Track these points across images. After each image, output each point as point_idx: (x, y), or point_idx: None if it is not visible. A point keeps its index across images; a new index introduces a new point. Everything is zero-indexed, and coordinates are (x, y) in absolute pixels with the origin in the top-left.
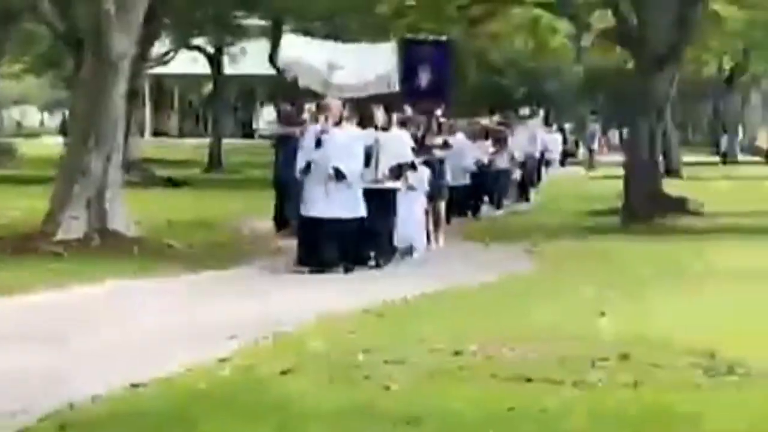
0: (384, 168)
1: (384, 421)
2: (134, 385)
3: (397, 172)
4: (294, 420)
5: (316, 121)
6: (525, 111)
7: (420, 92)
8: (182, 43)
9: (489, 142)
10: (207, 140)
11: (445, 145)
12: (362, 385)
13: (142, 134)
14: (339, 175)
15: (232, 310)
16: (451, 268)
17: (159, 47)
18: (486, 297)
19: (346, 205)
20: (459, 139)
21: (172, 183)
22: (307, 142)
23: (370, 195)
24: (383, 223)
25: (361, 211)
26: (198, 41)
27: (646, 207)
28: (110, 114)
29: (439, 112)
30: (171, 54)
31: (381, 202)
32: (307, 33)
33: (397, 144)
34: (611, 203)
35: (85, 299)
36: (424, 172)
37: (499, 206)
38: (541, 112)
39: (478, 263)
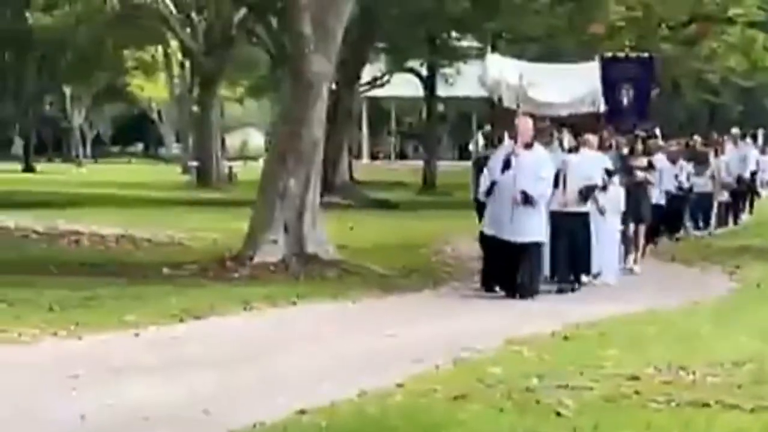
0: (571, 191)
1: None
2: (300, 412)
3: (585, 194)
4: None
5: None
6: (735, 130)
7: (621, 111)
8: (397, 65)
9: (689, 164)
10: (422, 162)
11: (650, 167)
12: (533, 411)
13: (359, 156)
14: (526, 199)
15: (420, 333)
16: (646, 290)
17: (374, 70)
18: (679, 321)
19: (530, 228)
20: (658, 159)
21: (384, 205)
22: (494, 163)
23: (558, 218)
24: (572, 247)
25: (543, 236)
26: (412, 63)
27: None
28: (309, 136)
29: (642, 132)
30: (386, 77)
31: (572, 225)
32: (519, 55)
33: (586, 166)
34: None
35: (274, 322)
36: (619, 194)
37: (702, 228)
38: (760, 132)
39: (676, 286)
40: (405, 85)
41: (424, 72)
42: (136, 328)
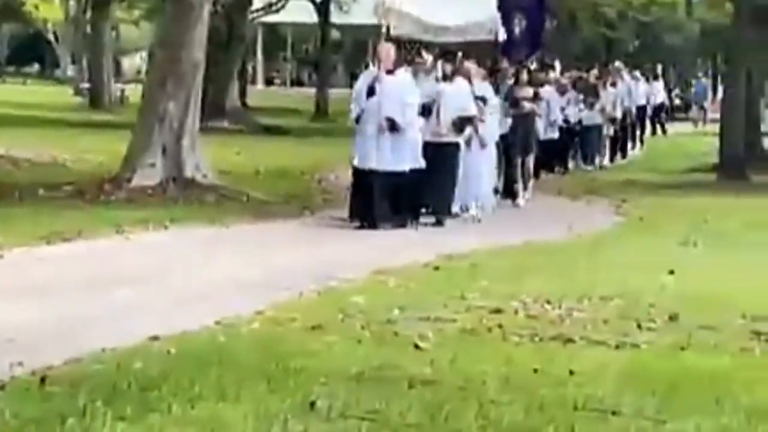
0: (445, 121)
1: (400, 381)
2: (153, 338)
3: (460, 125)
4: (297, 379)
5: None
6: (618, 64)
7: (513, 41)
8: None
9: (578, 96)
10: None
11: (536, 98)
12: (391, 343)
13: (254, 82)
14: (392, 126)
15: (290, 261)
16: (528, 223)
17: None
18: (556, 254)
19: (399, 156)
20: (547, 91)
21: (274, 131)
22: (358, 89)
23: (430, 149)
24: (443, 177)
25: (418, 162)
26: None
27: (742, 163)
28: (189, 59)
29: (539, 63)
30: (282, 2)
31: (441, 156)
32: None
33: (460, 96)
34: (711, 160)
35: (144, 247)
36: (494, 126)
37: (590, 162)
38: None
39: (559, 219)
40: (301, 11)
41: None
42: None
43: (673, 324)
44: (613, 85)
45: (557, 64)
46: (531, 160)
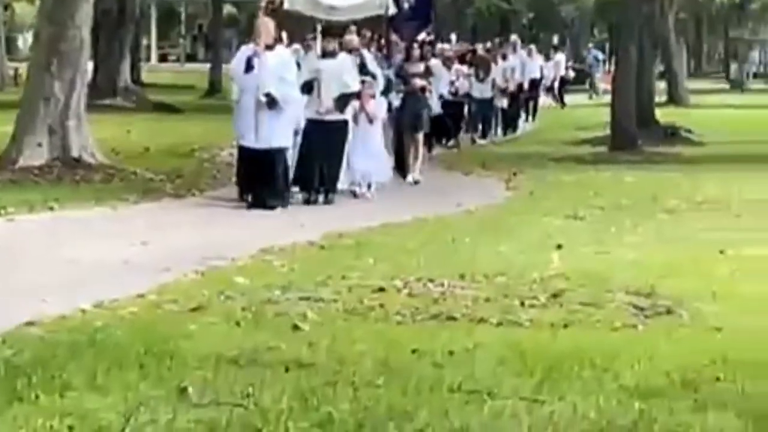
0: (327, 98)
1: (277, 365)
2: (28, 324)
3: (343, 102)
4: (171, 364)
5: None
6: (514, 37)
7: (403, 17)
8: None
9: (464, 68)
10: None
11: (427, 73)
12: (270, 324)
13: (147, 59)
14: (271, 102)
15: (174, 241)
16: (417, 200)
17: None
18: (443, 230)
19: (279, 133)
20: (433, 64)
21: (166, 108)
22: (236, 64)
23: (315, 126)
24: (330, 155)
25: (288, 141)
26: None
27: (634, 135)
28: (74, 37)
29: (423, 37)
30: None
31: (326, 134)
32: None
33: (342, 72)
34: (604, 131)
35: (26, 229)
36: (382, 102)
37: (482, 136)
38: (555, 38)
39: (450, 194)
40: None
41: None
42: None
43: (556, 300)
44: (504, 58)
45: (453, 38)
46: (421, 136)
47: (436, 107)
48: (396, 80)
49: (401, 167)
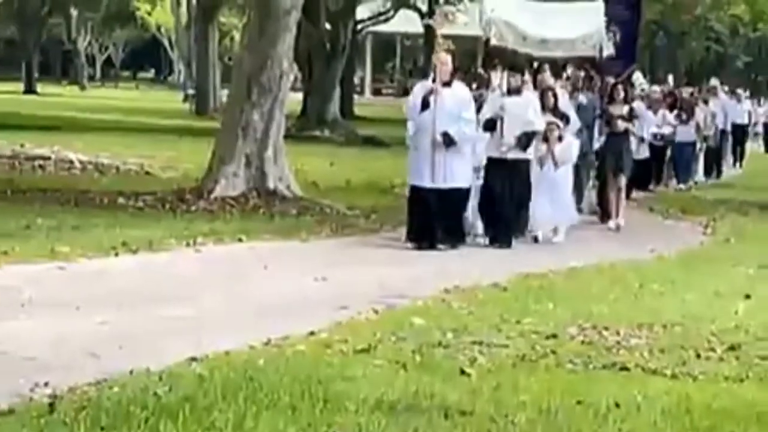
0: (509, 136)
1: (436, 411)
2: (191, 360)
3: (526, 140)
4: (325, 408)
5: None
6: (714, 82)
7: (607, 57)
8: (398, 1)
9: (670, 113)
10: None
11: (631, 116)
12: (437, 369)
13: (361, 92)
14: (448, 141)
15: (357, 277)
16: (614, 241)
17: (378, 6)
18: (630, 275)
19: (458, 173)
20: (637, 107)
21: (372, 142)
22: (412, 103)
23: (496, 165)
24: (511, 196)
25: (469, 181)
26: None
27: None
28: (274, 69)
29: (636, 77)
30: (391, 12)
31: (508, 173)
32: None
33: (526, 110)
34: None
35: (211, 260)
36: (573, 144)
37: (683, 180)
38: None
39: (645, 238)
40: (410, 21)
41: (424, 8)
42: (65, 260)
43: (733, 353)
44: (705, 102)
45: (670, 80)
46: (623, 181)
47: (642, 150)
48: (600, 122)
49: (603, 210)
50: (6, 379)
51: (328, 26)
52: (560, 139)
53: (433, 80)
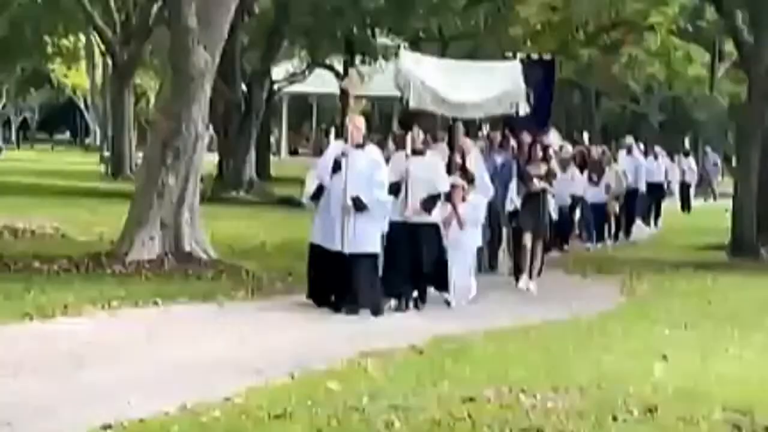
0: (414, 200)
1: None
2: (105, 427)
3: (430, 204)
4: None
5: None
6: (629, 139)
7: (521, 116)
8: (314, 61)
9: (582, 174)
10: None
11: (549, 175)
12: None
13: (277, 152)
14: (359, 205)
15: (272, 342)
16: (530, 301)
17: (291, 66)
18: (547, 337)
19: (365, 238)
20: (554, 166)
21: (288, 202)
22: (323, 163)
23: (400, 229)
24: (417, 261)
25: (378, 246)
26: (332, 60)
27: (755, 242)
28: (190, 132)
29: (549, 138)
30: (306, 72)
31: (413, 237)
32: (440, 55)
33: (431, 172)
34: (723, 237)
35: (127, 324)
36: (480, 203)
37: (594, 240)
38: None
39: (560, 299)
40: (325, 82)
41: (339, 68)
42: None
43: (651, 415)
44: (615, 160)
45: (585, 137)
46: (540, 243)
47: (556, 212)
48: (517, 182)
49: (516, 271)
50: None
51: (243, 87)
52: (464, 199)
53: (345, 141)
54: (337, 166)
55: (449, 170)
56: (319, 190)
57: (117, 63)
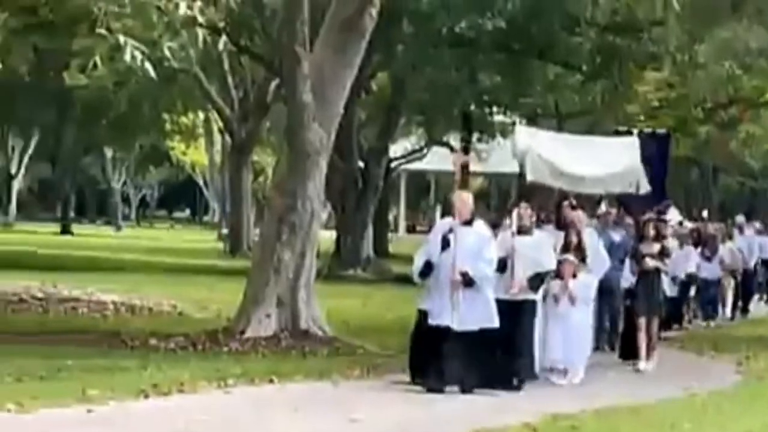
0: (519, 277)
1: None
2: None
3: (537, 282)
4: None
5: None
6: (740, 218)
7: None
8: (432, 138)
9: (696, 250)
10: None
11: (662, 254)
12: None
13: (395, 230)
14: (467, 281)
15: (387, 419)
16: (645, 380)
17: (409, 143)
18: (661, 415)
19: (474, 315)
20: (669, 245)
21: (405, 280)
22: (432, 240)
23: (503, 307)
24: (520, 338)
25: (494, 321)
26: (450, 137)
27: None
28: (305, 208)
29: (669, 214)
30: (424, 150)
31: (517, 315)
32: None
33: (537, 250)
34: None
35: (239, 401)
36: (591, 281)
37: (708, 318)
38: None
39: (674, 377)
40: (443, 159)
41: (456, 146)
42: (93, 404)
43: None
44: (730, 237)
45: (705, 214)
46: (656, 322)
47: (671, 289)
48: (630, 261)
49: (630, 351)
50: None
51: (360, 163)
52: (574, 276)
53: (454, 218)
54: (445, 243)
55: (566, 249)
56: (428, 267)
57: (235, 140)
